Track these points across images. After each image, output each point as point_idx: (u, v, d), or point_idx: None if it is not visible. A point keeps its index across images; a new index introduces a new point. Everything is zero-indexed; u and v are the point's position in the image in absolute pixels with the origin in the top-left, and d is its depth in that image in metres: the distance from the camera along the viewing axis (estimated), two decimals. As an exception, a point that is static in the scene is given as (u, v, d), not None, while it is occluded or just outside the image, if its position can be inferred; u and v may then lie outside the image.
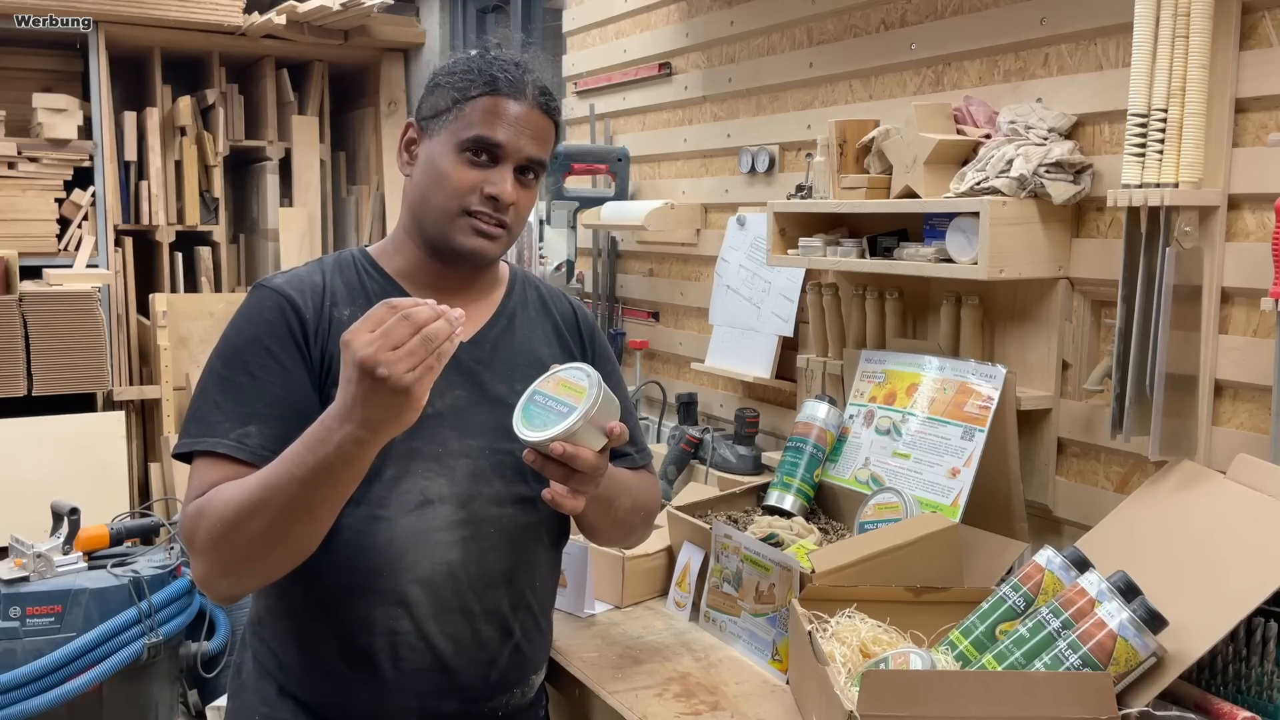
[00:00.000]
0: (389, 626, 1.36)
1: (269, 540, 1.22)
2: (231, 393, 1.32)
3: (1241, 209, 1.54)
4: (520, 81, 1.40)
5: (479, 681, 1.41)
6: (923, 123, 1.83)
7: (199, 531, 1.25)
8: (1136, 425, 1.57)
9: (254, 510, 1.20)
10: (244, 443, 1.29)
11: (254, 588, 1.32)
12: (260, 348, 1.35)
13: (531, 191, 1.44)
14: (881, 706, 1.17)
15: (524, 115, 1.39)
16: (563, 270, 3.00)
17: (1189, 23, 1.48)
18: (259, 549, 1.23)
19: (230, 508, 1.22)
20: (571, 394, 1.28)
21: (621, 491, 1.47)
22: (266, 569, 1.27)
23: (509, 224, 1.41)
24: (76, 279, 4.01)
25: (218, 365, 1.35)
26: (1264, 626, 1.27)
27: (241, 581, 1.28)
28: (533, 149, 1.40)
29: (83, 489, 3.50)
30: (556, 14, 3.57)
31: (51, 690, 2.75)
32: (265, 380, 1.33)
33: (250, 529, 1.21)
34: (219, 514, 1.23)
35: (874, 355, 1.98)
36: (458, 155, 1.38)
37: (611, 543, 1.62)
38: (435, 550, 1.36)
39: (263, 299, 1.39)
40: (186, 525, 1.27)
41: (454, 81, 1.41)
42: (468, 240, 1.39)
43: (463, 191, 1.38)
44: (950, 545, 1.61)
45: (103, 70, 4.24)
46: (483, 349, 1.46)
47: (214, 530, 1.23)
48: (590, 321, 1.61)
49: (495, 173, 1.39)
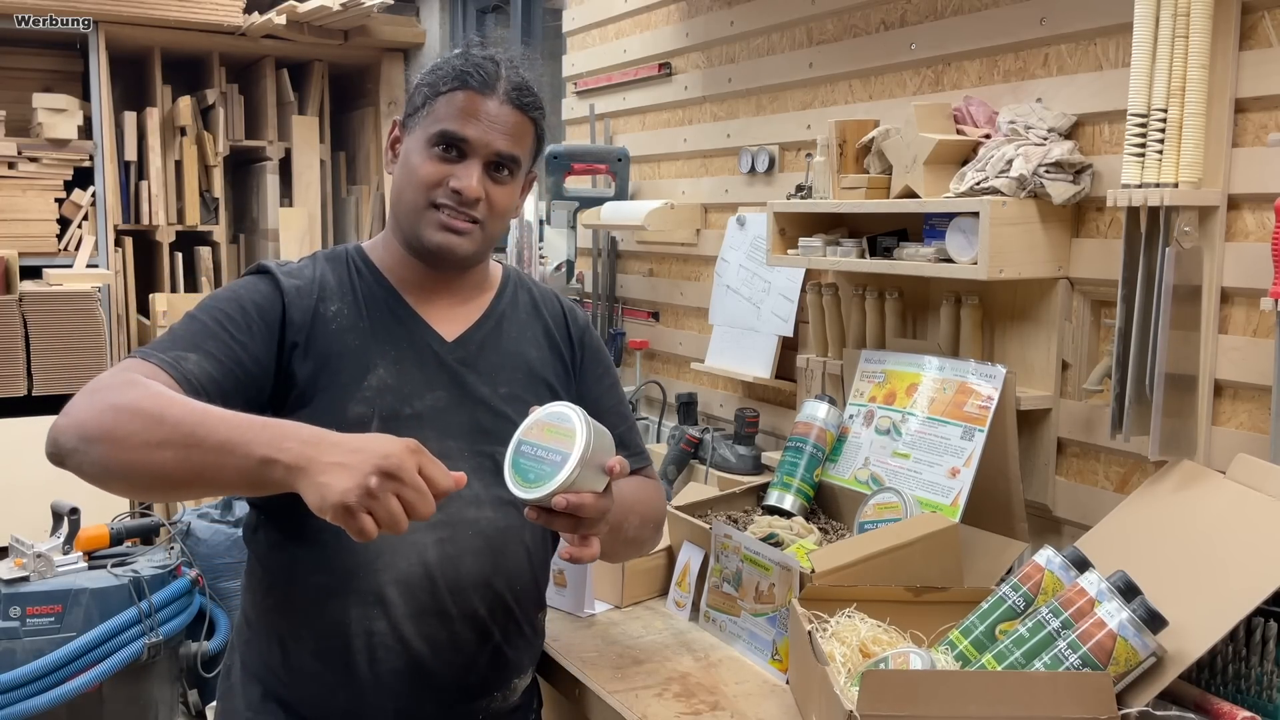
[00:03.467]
0: (365, 627, 1.36)
1: (142, 445, 1.14)
2: (190, 329, 1.32)
3: (1241, 209, 1.54)
4: (493, 77, 1.39)
5: (456, 684, 1.41)
6: (923, 123, 1.83)
7: (98, 384, 1.20)
8: (1136, 425, 1.57)
9: (159, 412, 1.15)
10: (179, 365, 1.25)
11: (86, 468, 1.18)
12: (237, 305, 1.35)
13: (507, 188, 1.42)
14: (881, 706, 1.17)
15: (494, 111, 1.38)
16: (563, 270, 3.00)
17: (1189, 23, 1.48)
18: (125, 444, 1.14)
19: (145, 391, 1.17)
20: (560, 439, 1.21)
21: (629, 512, 1.43)
22: (109, 465, 1.16)
23: (481, 220, 1.40)
24: (76, 279, 4.01)
25: (193, 310, 1.36)
26: (1264, 626, 1.27)
27: (85, 454, 1.17)
28: (503, 144, 1.39)
29: (83, 489, 3.46)
30: (556, 14, 3.57)
31: (51, 690, 2.75)
32: (226, 329, 1.32)
33: (142, 424, 1.14)
34: (134, 388, 1.18)
35: (874, 355, 1.98)
36: (428, 150, 1.39)
37: (625, 559, 1.61)
38: (412, 551, 1.36)
39: (258, 278, 1.41)
40: (93, 382, 1.21)
41: (430, 79, 1.42)
42: (434, 234, 1.39)
43: (429, 185, 1.38)
44: (950, 545, 1.61)
45: (103, 70, 4.24)
46: (467, 350, 1.46)
47: (112, 394, 1.18)
48: (582, 324, 1.59)
49: (462, 167, 1.38)
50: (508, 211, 1.44)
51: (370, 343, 1.41)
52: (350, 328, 1.40)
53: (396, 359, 1.41)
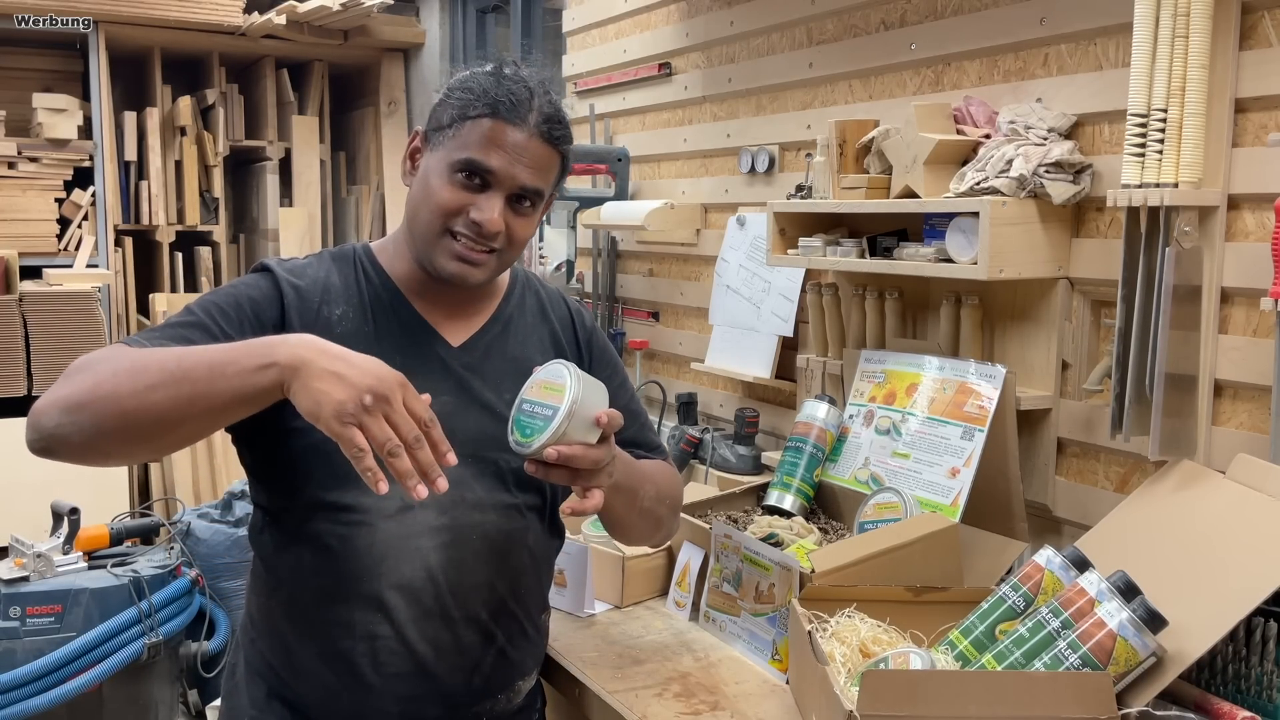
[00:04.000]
0: (369, 631, 1.36)
1: (132, 394, 1.13)
2: (179, 319, 1.32)
3: (1241, 209, 1.54)
4: (525, 107, 1.34)
5: (461, 687, 1.41)
6: (922, 123, 1.83)
7: (81, 362, 1.20)
8: (1136, 425, 1.57)
9: (145, 363, 1.15)
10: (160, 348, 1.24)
11: (73, 445, 1.17)
12: (231, 300, 1.35)
13: (528, 220, 1.39)
14: (881, 706, 1.17)
15: (523, 143, 1.34)
16: (563, 270, 3.00)
17: (1189, 23, 1.48)
18: (116, 398, 1.14)
19: (127, 353, 1.19)
20: (554, 394, 1.25)
21: (644, 479, 1.46)
22: (101, 426, 1.15)
23: (498, 249, 1.37)
24: (76, 279, 4.00)
25: (190, 304, 1.36)
26: (1264, 626, 1.27)
27: (71, 428, 1.15)
28: (528, 178, 1.35)
29: (83, 489, 3.49)
30: (556, 14, 3.57)
31: (51, 690, 2.75)
32: (216, 321, 1.31)
33: (128, 373, 1.15)
34: (113, 355, 1.19)
35: (874, 355, 1.98)
36: (450, 175, 1.34)
37: (642, 537, 1.58)
38: (416, 555, 1.36)
39: (259, 275, 1.40)
40: (76, 362, 1.21)
41: (460, 97, 1.36)
42: (448, 263, 1.36)
43: (448, 212, 1.35)
44: (950, 545, 1.61)
45: (103, 70, 4.24)
46: (473, 355, 1.45)
47: (96, 364, 1.18)
48: (589, 326, 1.59)
49: (484, 198, 1.34)
50: (525, 241, 1.41)
51: (375, 347, 1.39)
52: (355, 331, 1.39)
53: (402, 364, 1.40)
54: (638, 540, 1.61)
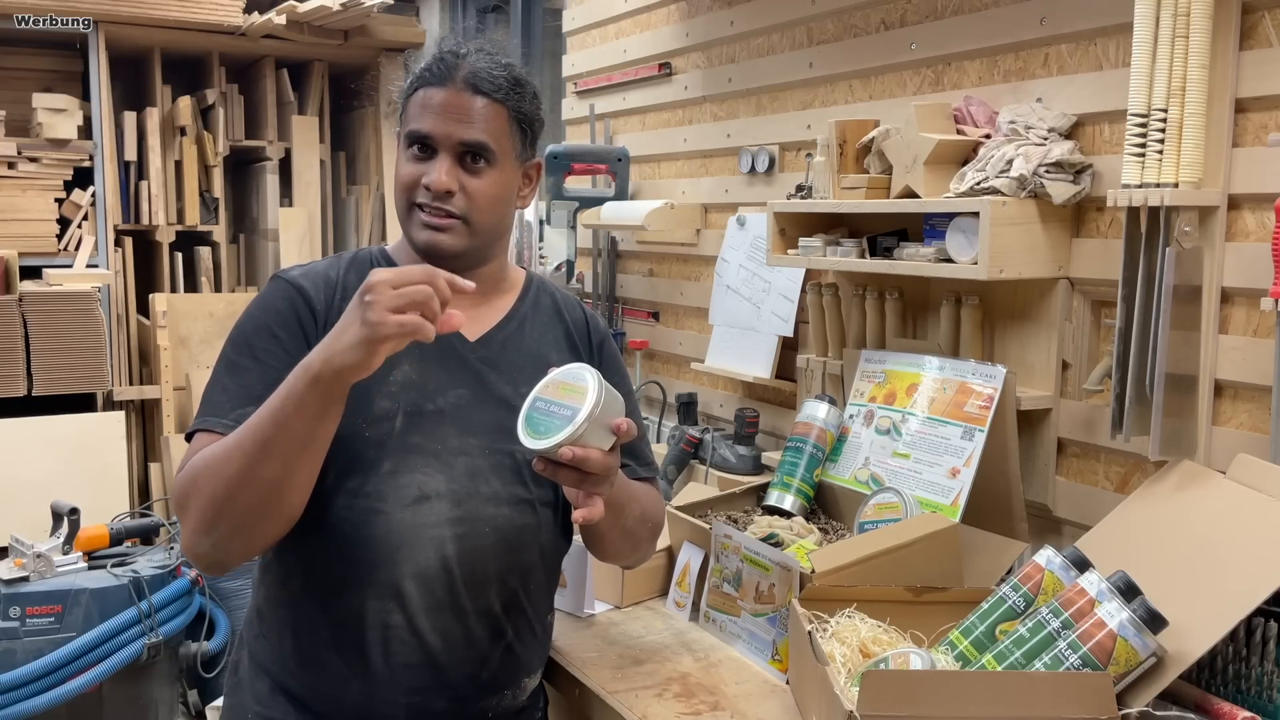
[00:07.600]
0: (381, 619, 1.37)
1: (242, 485, 1.22)
2: (236, 375, 1.36)
3: (1241, 209, 1.54)
4: (450, 68, 1.41)
5: (468, 680, 1.41)
6: (923, 123, 1.83)
7: (181, 489, 1.28)
8: (1136, 425, 1.57)
9: (229, 454, 1.23)
10: (241, 422, 1.29)
11: (236, 553, 1.30)
12: (268, 334, 1.38)
13: (486, 178, 1.42)
14: (881, 706, 1.17)
15: (449, 100, 1.39)
16: (563, 270, 3.00)
17: (1189, 23, 1.48)
18: (234, 497, 1.23)
19: (211, 457, 1.26)
20: (573, 395, 1.26)
21: (631, 498, 1.46)
22: (243, 524, 1.26)
23: (461, 214, 1.41)
24: (76, 279, 4.00)
25: (229, 351, 1.39)
26: (1264, 626, 1.27)
27: (224, 542, 1.27)
28: (465, 133, 1.39)
29: (83, 489, 3.50)
30: (556, 14, 3.57)
31: (51, 690, 2.75)
32: (269, 364, 1.35)
33: (226, 472, 1.23)
34: (201, 465, 1.26)
35: (874, 355, 1.98)
36: (405, 153, 1.43)
37: (618, 556, 1.57)
38: (430, 545, 1.37)
39: (277, 289, 1.43)
40: (175, 490, 1.30)
41: (407, 85, 1.47)
42: (420, 234, 1.42)
43: (408, 186, 1.42)
44: (950, 545, 1.61)
45: (103, 70, 4.24)
46: (490, 349, 1.47)
47: (196, 482, 1.25)
48: (602, 331, 1.61)
49: (432, 164, 1.40)
50: (495, 202, 1.43)
51: None
52: None
53: (420, 357, 1.42)
54: (613, 559, 1.60)
